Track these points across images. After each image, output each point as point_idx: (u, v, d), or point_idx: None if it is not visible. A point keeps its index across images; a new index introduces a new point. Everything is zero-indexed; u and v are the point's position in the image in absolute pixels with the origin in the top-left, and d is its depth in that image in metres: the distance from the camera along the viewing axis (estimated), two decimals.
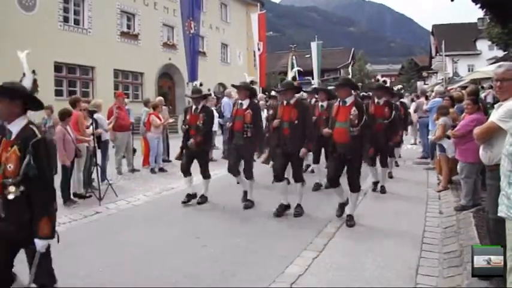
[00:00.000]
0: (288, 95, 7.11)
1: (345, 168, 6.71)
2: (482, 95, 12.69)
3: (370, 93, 11.03)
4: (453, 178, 8.81)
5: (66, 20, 21.11)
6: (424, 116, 12.69)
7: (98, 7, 22.60)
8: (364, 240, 5.93)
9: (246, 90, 7.93)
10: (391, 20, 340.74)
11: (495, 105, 4.41)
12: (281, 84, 7.41)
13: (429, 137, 11.19)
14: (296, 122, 6.92)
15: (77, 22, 21.83)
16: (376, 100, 8.80)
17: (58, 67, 20.34)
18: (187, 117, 8.11)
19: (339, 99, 6.79)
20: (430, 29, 61.13)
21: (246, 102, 7.86)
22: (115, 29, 23.87)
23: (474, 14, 30.57)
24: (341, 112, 6.58)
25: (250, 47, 30.55)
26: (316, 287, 4.54)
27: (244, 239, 5.97)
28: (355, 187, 6.71)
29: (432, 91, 16.34)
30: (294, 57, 20.82)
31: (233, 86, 8.97)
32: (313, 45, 32.02)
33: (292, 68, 17.99)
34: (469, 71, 42.97)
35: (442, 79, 37.92)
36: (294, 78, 9.82)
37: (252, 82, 8.36)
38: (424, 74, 58.61)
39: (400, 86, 11.66)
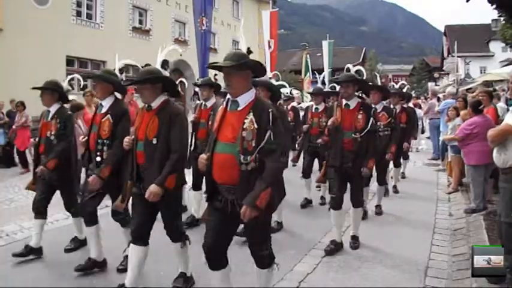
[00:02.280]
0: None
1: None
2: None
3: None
4: (464, 180, 8.77)
5: (78, 14, 21.17)
6: (435, 117, 12.63)
7: (111, 2, 22.64)
8: (372, 240, 5.91)
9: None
10: (403, 19, 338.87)
11: (510, 108, 4.38)
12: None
13: (440, 138, 11.16)
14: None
15: (89, 16, 21.90)
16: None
17: (70, 61, 20.41)
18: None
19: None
20: (442, 29, 60.75)
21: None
22: (127, 24, 23.92)
23: (488, 15, 30.34)
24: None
25: (262, 44, 30.48)
26: (324, 287, 4.54)
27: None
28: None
29: (444, 92, 16.27)
30: (307, 55, 20.72)
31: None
32: (325, 44, 31.87)
33: (307, 66, 17.97)
34: (481, 72, 42.65)
35: (454, 80, 37.67)
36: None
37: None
38: (436, 75, 58.29)
39: (404, 82, 10.55)
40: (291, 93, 10.99)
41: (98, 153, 4.62)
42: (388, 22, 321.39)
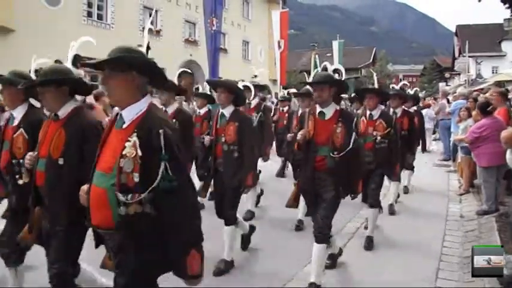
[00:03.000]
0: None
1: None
2: None
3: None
4: (475, 181, 8.69)
5: (89, 14, 21.33)
6: (446, 118, 12.55)
7: (121, 2, 22.78)
8: (382, 241, 5.89)
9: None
10: (413, 19, 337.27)
11: None
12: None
13: (451, 139, 11.09)
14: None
15: (100, 17, 22.05)
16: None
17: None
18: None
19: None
20: (453, 29, 60.44)
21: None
22: (137, 25, 24.03)
23: (500, 14, 30.12)
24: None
25: (272, 44, 30.56)
26: (333, 287, 4.53)
27: (263, 239, 5.95)
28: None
29: (454, 93, 16.17)
30: (316, 56, 20.66)
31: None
32: (335, 44, 31.86)
33: (315, 67, 17.87)
34: (493, 72, 42.29)
35: (465, 81, 37.39)
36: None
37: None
38: (447, 75, 57.87)
39: (405, 83, 10.13)
40: (288, 94, 10.59)
41: (17, 177, 3.54)
42: (398, 22, 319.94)
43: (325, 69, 4.70)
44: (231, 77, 7.09)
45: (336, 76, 4.53)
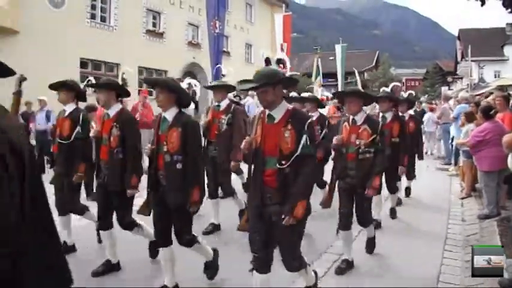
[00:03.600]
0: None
1: None
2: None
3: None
4: (477, 186, 8.70)
5: (93, 16, 21.37)
6: (448, 122, 12.55)
7: (125, 5, 22.83)
8: (384, 244, 5.90)
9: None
10: (415, 23, 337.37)
11: None
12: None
13: (454, 143, 11.10)
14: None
15: (103, 19, 22.09)
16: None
17: (84, 63, 20.59)
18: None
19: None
20: (455, 33, 60.33)
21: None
22: (141, 27, 24.08)
23: (503, 19, 30.13)
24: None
25: (275, 47, 30.61)
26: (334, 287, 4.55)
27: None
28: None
29: (456, 97, 16.17)
30: (319, 59, 20.66)
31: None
32: (338, 48, 31.83)
33: (318, 70, 17.87)
34: (495, 77, 42.26)
35: (468, 85, 37.39)
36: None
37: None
38: (449, 79, 57.85)
39: (397, 84, 9.64)
40: None
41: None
42: (401, 26, 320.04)
43: (267, 61, 4.90)
44: (233, 80, 7.00)
45: (280, 68, 4.34)
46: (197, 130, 4.49)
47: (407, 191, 8.95)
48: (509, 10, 9.64)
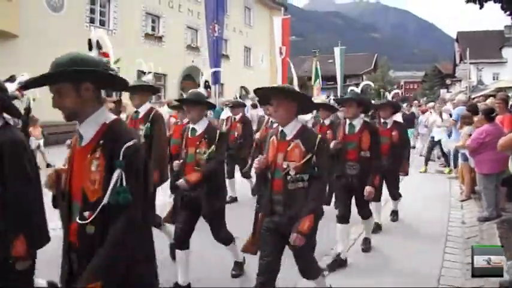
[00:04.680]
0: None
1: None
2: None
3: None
4: (476, 188, 8.70)
5: (92, 20, 21.43)
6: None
7: (124, 8, 22.89)
8: (384, 247, 5.90)
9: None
10: (414, 26, 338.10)
11: None
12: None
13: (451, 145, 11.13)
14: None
15: (102, 23, 22.14)
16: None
17: None
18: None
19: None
20: (454, 36, 60.50)
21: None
22: (140, 31, 24.14)
23: (501, 21, 30.20)
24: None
25: (273, 50, 30.72)
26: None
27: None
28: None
29: (453, 100, 16.19)
30: (317, 62, 20.73)
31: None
32: (337, 51, 31.95)
33: (316, 73, 17.95)
34: (494, 79, 42.35)
35: (466, 87, 37.46)
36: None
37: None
38: (448, 81, 57.98)
39: (397, 91, 8.08)
40: (240, 97, 9.97)
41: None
42: (400, 29, 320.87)
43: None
44: (233, 84, 6.98)
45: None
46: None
47: (394, 215, 7.42)
48: (508, 13, 9.67)
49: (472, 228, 6.71)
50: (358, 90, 5.73)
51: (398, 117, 12.84)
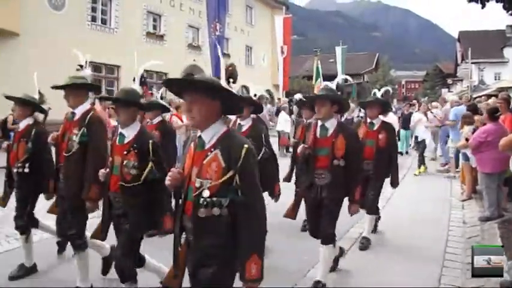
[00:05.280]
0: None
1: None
2: None
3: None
4: (477, 188, 8.70)
5: (93, 19, 21.43)
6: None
7: (125, 7, 22.87)
8: (385, 247, 5.91)
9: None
10: (416, 25, 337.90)
11: None
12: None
13: (449, 144, 11.15)
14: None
15: (104, 22, 22.13)
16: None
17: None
18: None
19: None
20: (455, 35, 60.41)
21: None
22: (141, 29, 24.13)
23: (503, 21, 30.20)
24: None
25: (275, 49, 30.76)
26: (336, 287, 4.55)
27: (270, 240, 5.93)
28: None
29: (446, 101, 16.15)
30: (319, 61, 20.70)
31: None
32: (338, 50, 31.93)
33: (318, 72, 17.88)
34: (495, 79, 42.32)
35: (467, 87, 37.43)
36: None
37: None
38: (449, 81, 57.93)
39: (388, 88, 7.16)
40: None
41: None
42: (401, 28, 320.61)
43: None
44: (234, 83, 6.88)
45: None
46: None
47: (365, 241, 6.03)
48: (510, 12, 9.65)
49: (473, 228, 6.71)
50: (332, 85, 4.86)
51: (391, 117, 12.77)
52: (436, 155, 14.14)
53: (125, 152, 3.66)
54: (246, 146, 2.58)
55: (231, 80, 3.46)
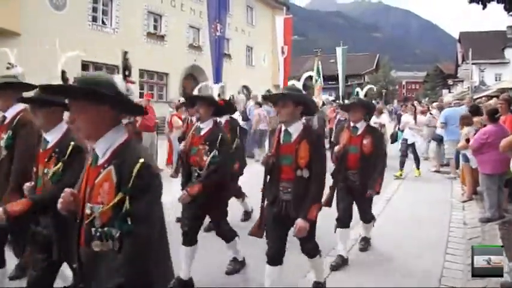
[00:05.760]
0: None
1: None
2: None
3: None
4: (478, 189, 8.69)
5: (94, 19, 21.46)
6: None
7: (126, 8, 22.90)
8: (385, 248, 5.89)
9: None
10: (416, 26, 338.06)
11: None
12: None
13: (446, 145, 11.15)
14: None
15: (104, 22, 22.17)
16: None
17: (85, 65, 20.63)
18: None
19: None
20: (456, 36, 60.39)
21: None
22: (142, 30, 24.15)
23: (503, 21, 30.19)
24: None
25: (275, 50, 30.75)
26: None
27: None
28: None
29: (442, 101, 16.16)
30: (319, 62, 20.68)
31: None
32: (338, 50, 31.90)
33: (318, 72, 17.89)
34: (496, 80, 42.29)
35: (468, 88, 37.42)
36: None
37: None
38: (450, 82, 57.93)
39: (371, 86, 7.37)
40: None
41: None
42: (402, 29, 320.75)
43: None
44: (234, 83, 6.90)
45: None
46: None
47: (364, 242, 5.96)
48: (511, 13, 9.65)
49: (473, 229, 6.70)
50: (299, 85, 4.59)
51: (384, 118, 12.69)
52: (428, 154, 14.13)
53: (46, 159, 3.11)
54: (141, 160, 2.02)
55: (127, 72, 2.64)
